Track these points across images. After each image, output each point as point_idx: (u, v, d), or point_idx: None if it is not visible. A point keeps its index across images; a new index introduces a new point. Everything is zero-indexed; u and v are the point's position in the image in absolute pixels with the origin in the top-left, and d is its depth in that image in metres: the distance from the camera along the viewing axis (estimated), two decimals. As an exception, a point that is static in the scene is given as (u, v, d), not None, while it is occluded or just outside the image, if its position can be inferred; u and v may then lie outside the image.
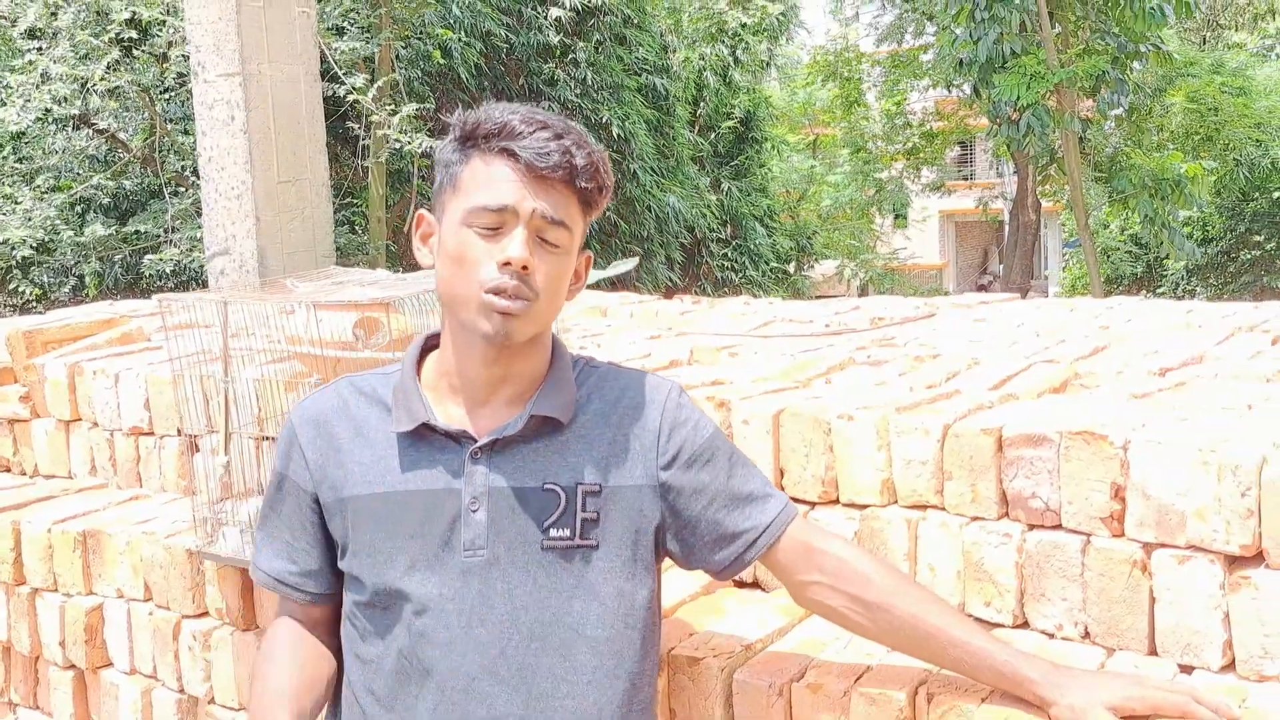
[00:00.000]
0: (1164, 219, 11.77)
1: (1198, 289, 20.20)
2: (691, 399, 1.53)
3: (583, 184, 1.39)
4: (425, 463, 1.42)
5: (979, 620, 1.74)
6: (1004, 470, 1.76)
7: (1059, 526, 1.71)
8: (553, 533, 1.40)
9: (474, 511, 1.40)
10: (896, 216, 24.58)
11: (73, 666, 2.50)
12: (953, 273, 32.14)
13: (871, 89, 21.25)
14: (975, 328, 2.97)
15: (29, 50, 8.15)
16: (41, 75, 8.06)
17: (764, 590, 2.01)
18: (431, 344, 1.53)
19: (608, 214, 13.03)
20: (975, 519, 1.79)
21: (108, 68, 7.89)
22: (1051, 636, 1.70)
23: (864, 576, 1.47)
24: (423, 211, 1.48)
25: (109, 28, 7.83)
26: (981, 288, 30.77)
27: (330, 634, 1.57)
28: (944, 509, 1.83)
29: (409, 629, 1.41)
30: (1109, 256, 21.71)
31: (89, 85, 8.02)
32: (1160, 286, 20.86)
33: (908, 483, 1.86)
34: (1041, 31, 10.82)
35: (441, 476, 1.41)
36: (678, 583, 1.99)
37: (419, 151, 7.88)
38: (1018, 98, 10.27)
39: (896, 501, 1.88)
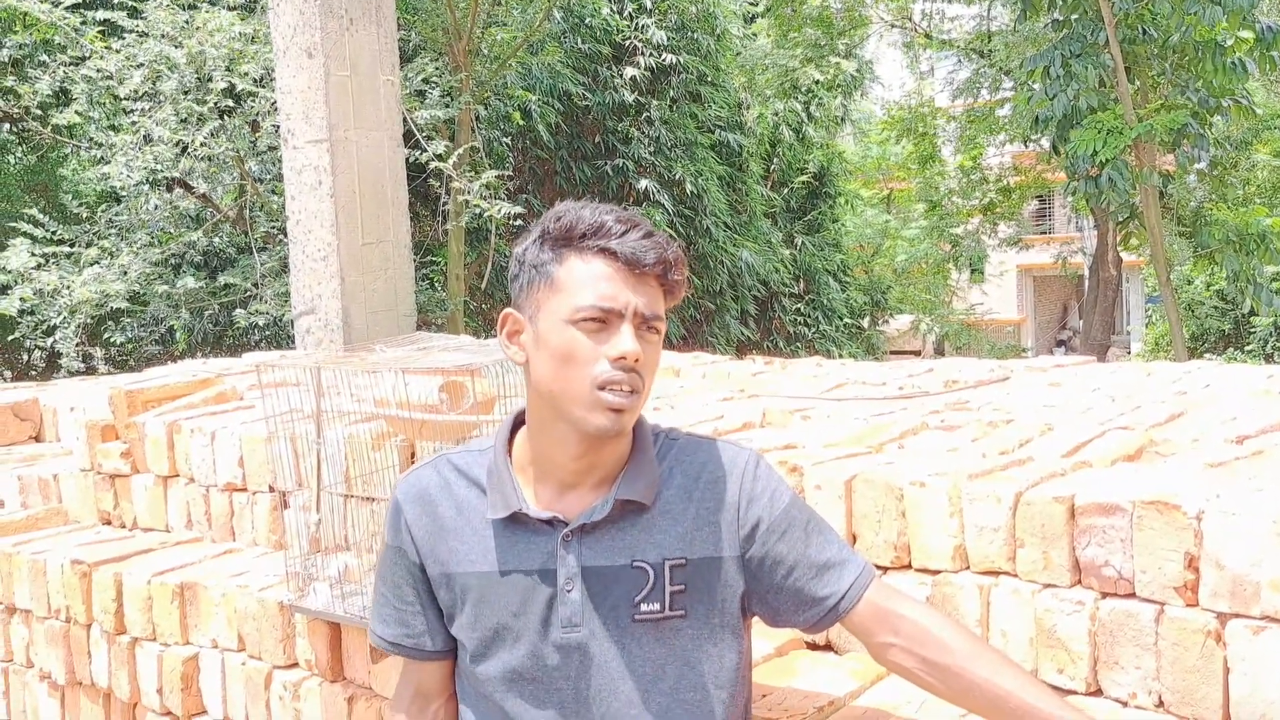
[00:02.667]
0: (1250, 274, 11.52)
1: (1287, 346, 19.66)
2: (769, 465, 1.58)
3: (674, 278, 1.47)
4: (521, 545, 1.50)
5: (1053, 687, 1.75)
6: (1077, 538, 1.78)
7: (1132, 595, 1.72)
8: (644, 607, 1.48)
9: (569, 591, 1.48)
10: (973, 272, 24.35)
11: (169, 713, 2.60)
12: (1031, 328, 31.66)
13: (947, 144, 21.20)
14: (1050, 392, 2.97)
15: (134, 111, 8.55)
16: (144, 137, 8.44)
17: (836, 653, 2.04)
18: (519, 421, 1.59)
19: (681, 269, 13.13)
20: (1048, 586, 1.81)
21: (209, 134, 8.24)
22: (1125, 705, 1.71)
23: (939, 641, 1.51)
24: (510, 310, 1.52)
25: (208, 96, 8.20)
26: (1061, 343, 30.26)
27: (449, 697, 1.66)
28: (1016, 575, 1.85)
29: (520, 691, 1.50)
30: (1194, 312, 21.23)
31: (189, 149, 8.38)
32: (1249, 344, 20.33)
33: (980, 549, 1.89)
34: (1119, 87, 10.75)
35: (537, 559, 1.49)
36: (753, 647, 2.02)
37: (501, 216, 8.07)
38: (1094, 153, 10.18)
39: (969, 567, 1.91)
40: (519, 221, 8.38)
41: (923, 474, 1.98)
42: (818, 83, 17.87)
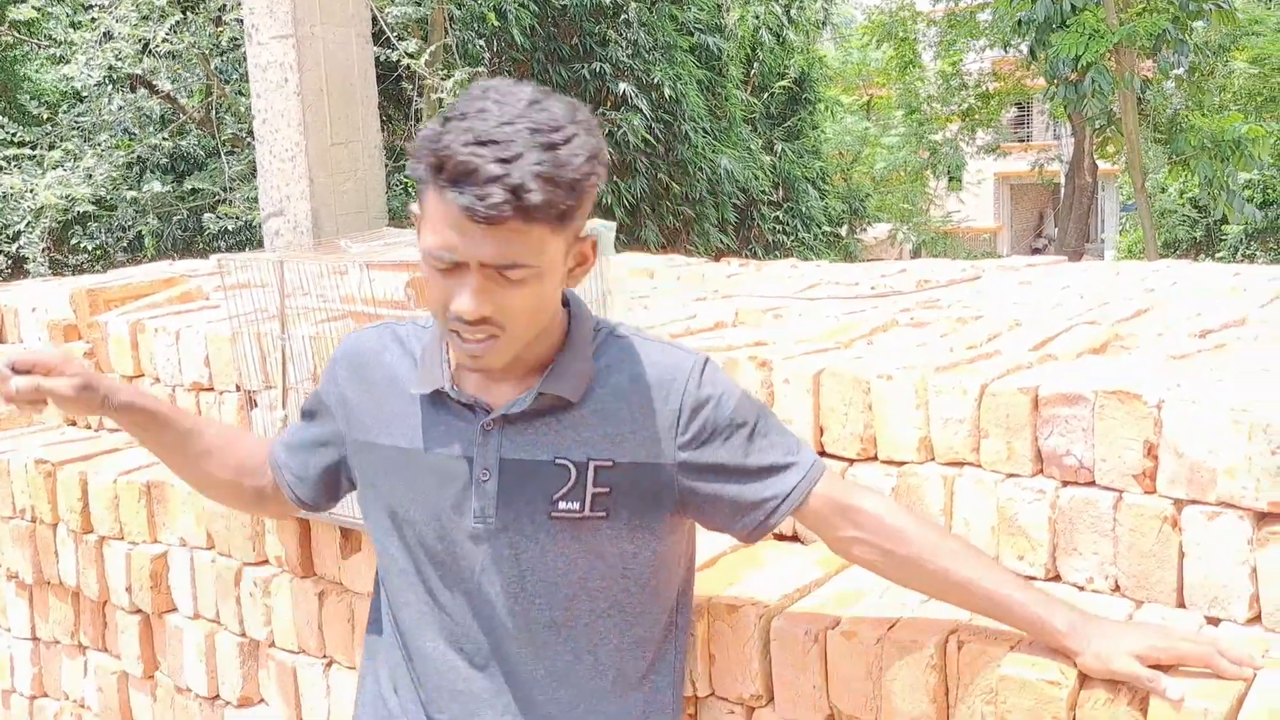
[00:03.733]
0: (1223, 181, 11.53)
1: (1257, 253, 19.76)
2: (717, 368, 1.51)
3: (538, 215, 1.27)
4: (444, 427, 1.46)
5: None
6: (1039, 429, 1.79)
7: (1092, 484, 1.74)
8: (561, 505, 1.43)
9: (484, 482, 1.44)
10: (950, 179, 24.25)
11: (139, 611, 2.62)
12: (1007, 236, 31.69)
13: (927, 50, 20.93)
14: (1020, 291, 2.98)
15: (94, 7, 8.31)
16: (104, 34, 8.22)
17: (802, 543, 2.06)
18: None
19: (658, 175, 13.01)
20: (1010, 476, 1.83)
21: (170, 29, 8.02)
22: (1082, 589, 1.74)
23: (899, 531, 1.50)
24: (413, 208, 1.39)
25: None
26: (1036, 251, 30.33)
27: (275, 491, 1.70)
28: (980, 466, 1.86)
29: (426, 582, 1.50)
30: (1166, 220, 21.28)
31: (150, 46, 8.17)
32: (1219, 251, 20.42)
33: (945, 440, 1.90)
34: (1102, -11, 10.62)
35: (458, 444, 1.45)
36: (718, 536, 2.04)
37: None
38: (1076, 57, 10.08)
39: (934, 459, 1.92)
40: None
41: (890, 367, 1.99)
42: (799, -16, 17.54)
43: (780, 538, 2.10)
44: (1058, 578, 1.78)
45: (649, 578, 1.52)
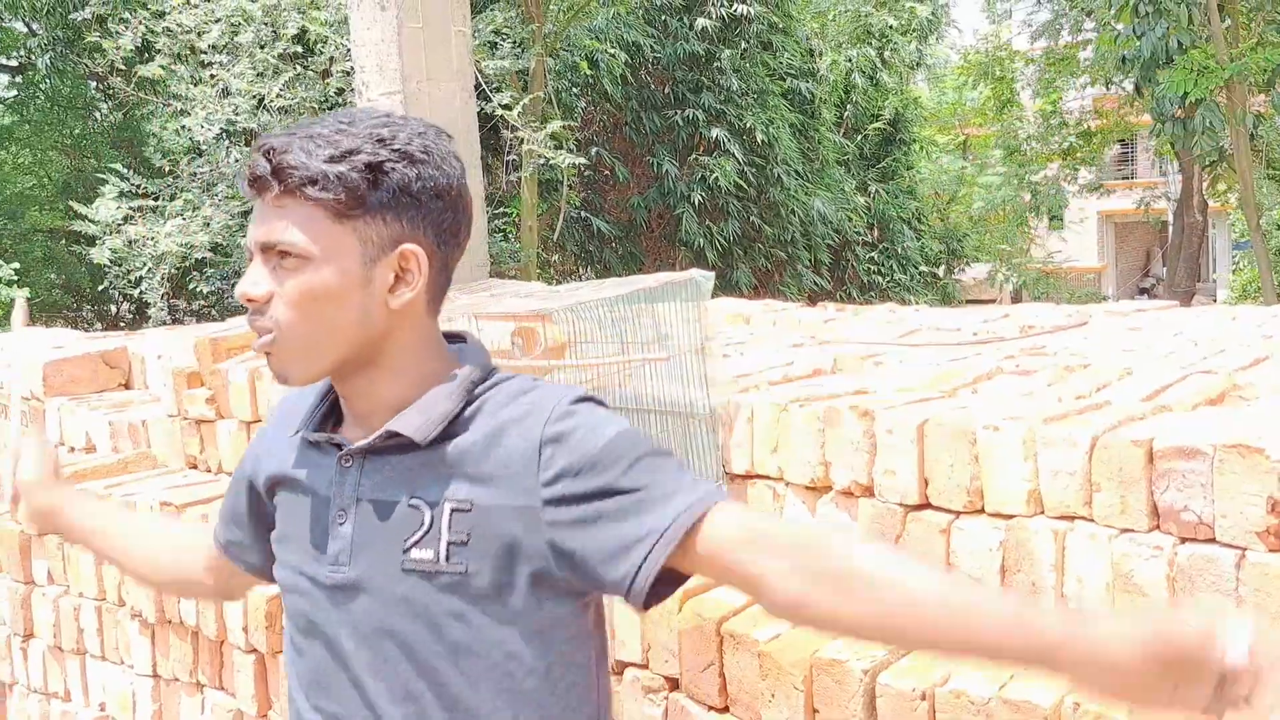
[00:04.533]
0: (1344, 218, 11.11)
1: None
2: (595, 404, 1.29)
3: (292, 185, 1.20)
4: (312, 467, 1.34)
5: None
6: (1155, 482, 1.75)
7: (1212, 540, 1.69)
8: (414, 554, 1.25)
9: (340, 524, 1.29)
10: (1052, 219, 23.80)
11: (254, 651, 2.69)
12: (1113, 276, 30.90)
13: (1025, 88, 20.66)
14: (1130, 337, 2.91)
15: (213, 65, 8.73)
16: (222, 90, 8.61)
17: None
18: None
19: (750, 218, 13.06)
20: (1125, 531, 1.79)
21: (284, 85, 8.37)
22: (1203, 651, 1.69)
23: (825, 543, 1.19)
24: None
25: (278, 43, 8.32)
26: (1143, 291, 29.50)
27: (215, 575, 1.55)
28: (1093, 520, 1.83)
29: (303, 635, 1.34)
30: (1283, 258, 20.55)
31: (265, 102, 8.53)
32: (1341, 290, 19.62)
33: (1055, 494, 1.87)
34: (1211, 24, 10.35)
35: (321, 484, 1.33)
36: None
37: (566, 166, 8.10)
38: (1185, 94, 9.85)
39: (1043, 512, 1.89)
40: (591, 172, 8.38)
41: (996, 418, 1.96)
42: (891, 28, 17.51)
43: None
44: (1176, 637, 1.73)
45: (539, 663, 1.27)
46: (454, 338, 1.36)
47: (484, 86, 8.02)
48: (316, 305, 1.23)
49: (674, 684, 2.03)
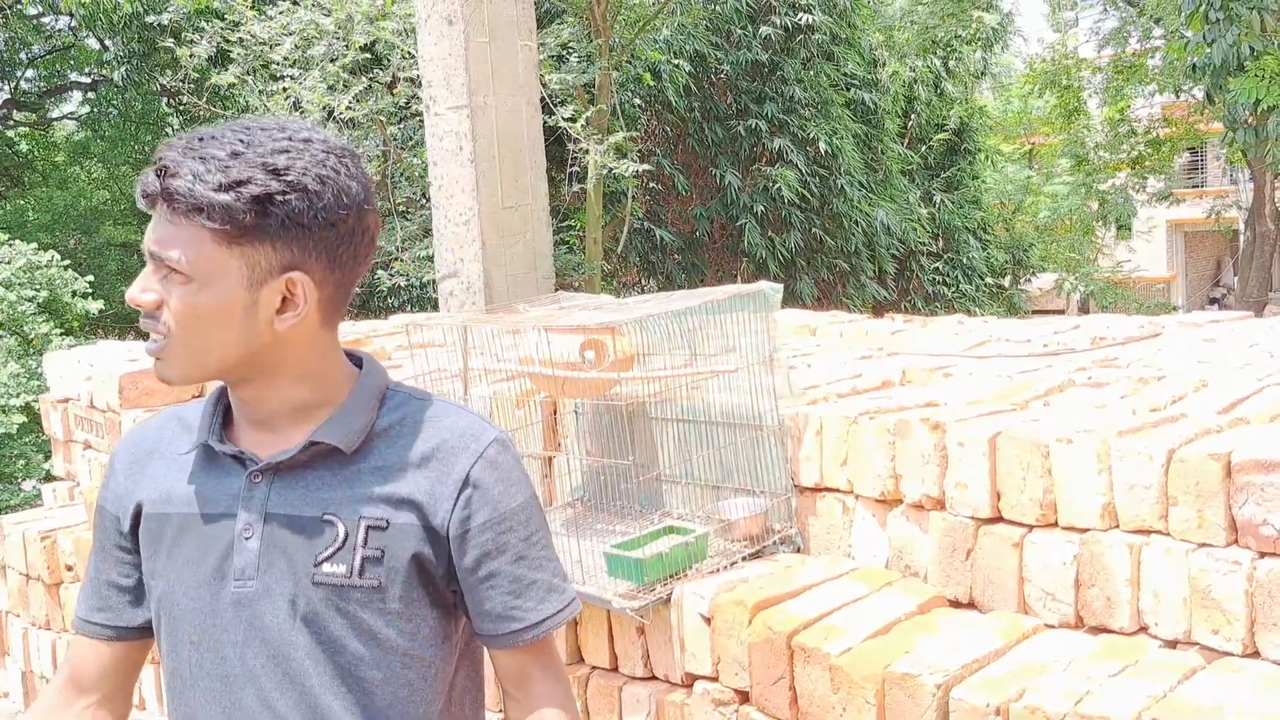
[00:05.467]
0: None
1: None
2: (516, 457, 1.37)
3: (178, 206, 1.22)
4: (211, 485, 1.33)
5: (1206, 649, 1.72)
6: (1233, 496, 1.73)
7: (1293, 556, 1.67)
8: (325, 568, 1.28)
9: (247, 539, 1.29)
10: (1120, 228, 23.38)
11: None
12: (1182, 285, 30.25)
13: (1092, 97, 20.34)
14: (1204, 348, 2.87)
15: (285, 78, 8.88)
16: (293, 103, 8.77)
17: (980, 611, 2.03)
18: None
19: (813, 229, 13.02)
20: (1202, 545, 1.77)
21: (354, 97, 8.50)
22: (1285, 669, 1.66)
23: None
24: None
25: (348, 54, 8.45)
26: (1214, 301, 28.84)
27: (112, 695, 1.43)
28: (1169, 534, 1.81)
29: (187, 662, 1.33)
30: (1361, 268, 19.94)
31: (335, 114, 8.67)
32: None
33: (1130, 507, 1.85)
34: (1283, 30, 10.13)
35: (222, 500, 1.32)
36: (893, 601, 2.03)
37: (629, 175, 8.14)
38: (1257, 101, 9.63)
39: (1118, 526, 1.87)
40: (654, 184, 8.40)
41: (1069, 431, 1.95)
42: (957, 37, 17.36)
43: (956, 604, 2.07)
44: (1256, 654, 1.70)
45: (436, 681, 1.35)
46: (352, 356, 1.38)
47: (549, 100, 8.10)
48: (199, 322, 1.25)
49: (744, 697, 2.04)
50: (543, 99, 8.02)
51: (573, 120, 8.03)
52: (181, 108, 15.91)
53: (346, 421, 1.31)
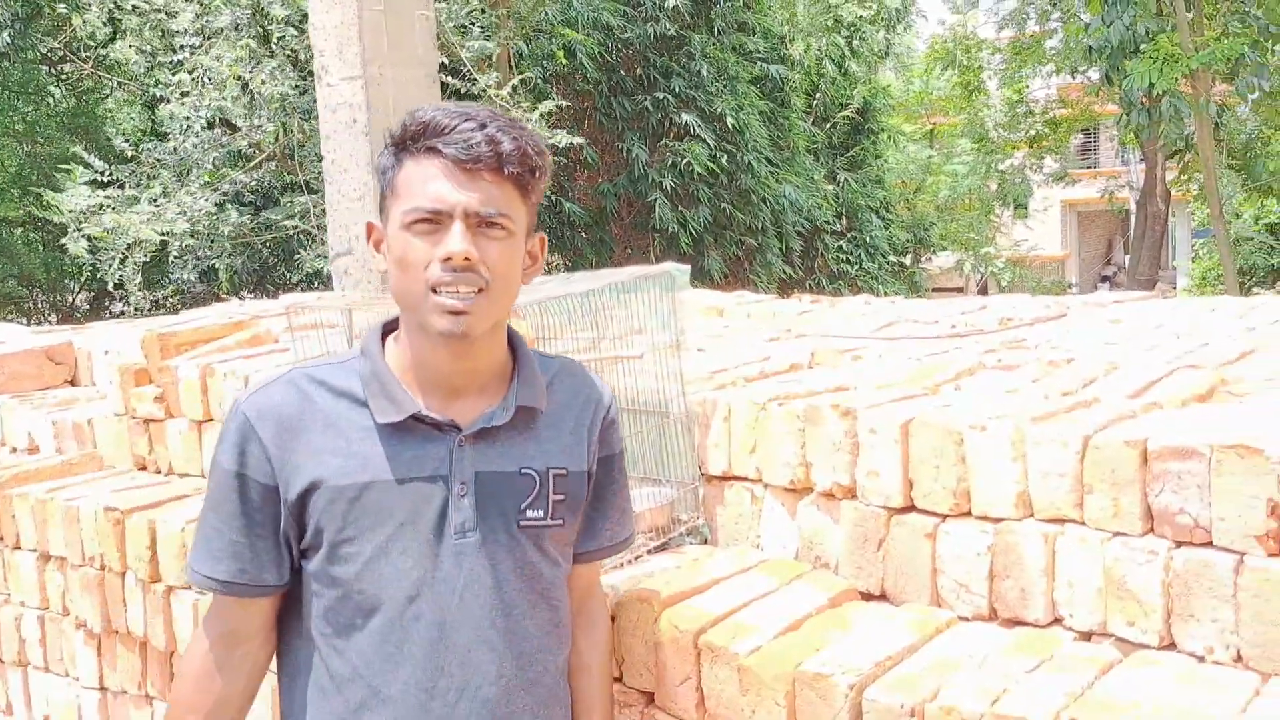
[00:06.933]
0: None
1: (1342, 282, 19.15)
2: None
3: (511, 170, 1.41)
4: (411, 452, 1.46)
5: (1121, 641, 1.67)
6: (1149, 484, 1.68)
7: (1209, 544, 1.62)
8: (529, 514, 1.52)
9: (462, 497, 1.48)
10: (1017, 207, 23.90)
11: (207, 660, 2.57)
12: (1075, 264, 31.12)
13: (992, 77, 20.68)
14: (1111, 329, 2.85)
15: (184, 49, 8.49)
16: (205, 75, 8.37)
17: (892, 603, 1.96)
18: (386, 330, 1.56)
19: (722, 205, 12.97)
20: (1118, 534, 1.71)
21: (269, 73, 8.15)
22: (1201, 659, 1.62)
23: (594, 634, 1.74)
24: (370, 220, 1.53)
25: (270, 28, 8.10)
26: (1105, 279, 29.75)
27: (262, 639, 1.56)
28: (1084, 524, 1.75)
29: (401, 614, 1.47)
30: (1241, 247, 20.72)
31: (250, 88, 8.32)
32: (1301, 278, 19.83)
33: (1045, 496, 1.79)
34: (1177, 14, 10.35)
35: (429, 464, 1.47)
36: (803, 595, 1.95)
37: (563, 145, 7.99)
38: (1151, 84, 9.84)
39: (1033, 515, 1.81)
40: (560, 157, 8.24)
41: (983, 417, 1.88)
42: (860, 17, 17.48)
43: (868, 597, 2.00)
44: (1173, 645, 1.65)
45: (567, 604, 1.65)
46: None
47: (468, 69, 7.87)
48: (510, 274, 1.45)
49: (650, 698, 1.94)
50: (456, 69, 7.80)
51: (498, 88, 7.83)
52: (63, 77, 15.19)
53: (533, 383, 1.54)
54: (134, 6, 8.48)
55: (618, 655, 2.00)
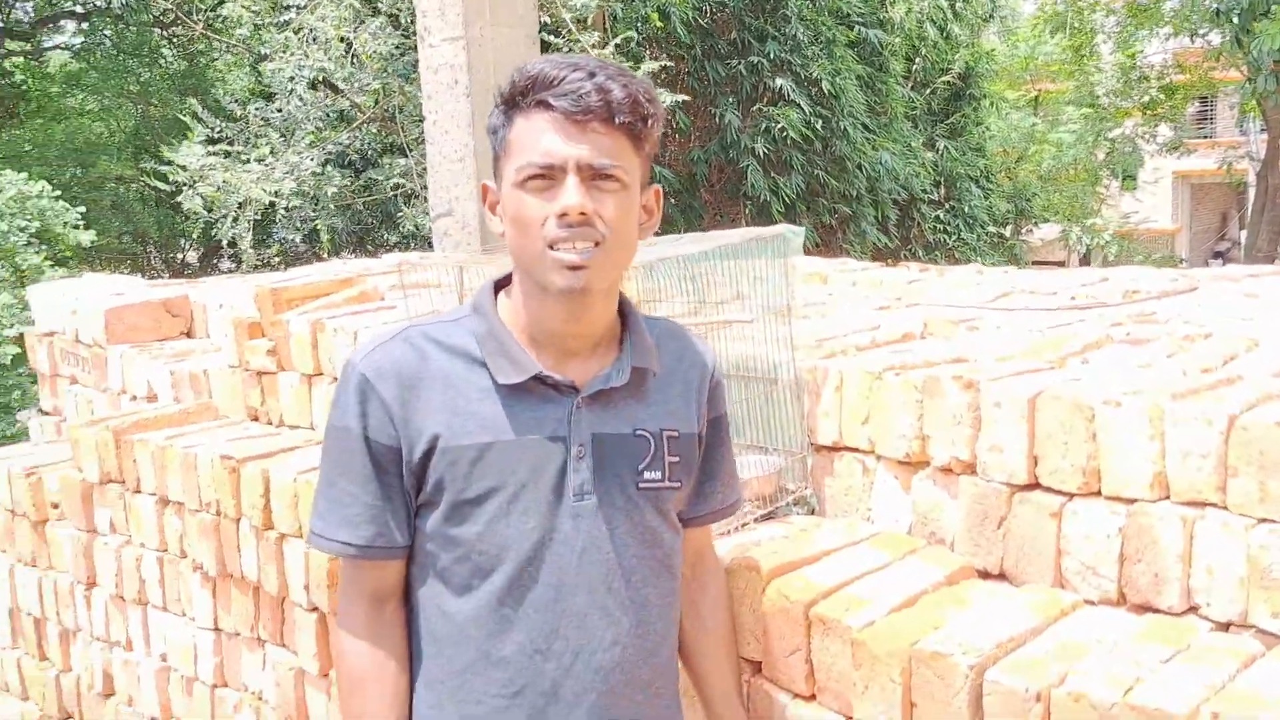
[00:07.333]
0: None
1: None
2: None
3: (623, 119, 1.38)
4: (530, 412, 1.45)
5: (1264, 633, 1.59)
6: (1300, 469, 1.58)
7: (1366, 535, 1.53)
8: (647, 475, 1.51)
9: (580, 459, 1.47)
10: (1125, 178, 23.08)
11: (315, 609, 2.62)
12: (1186, 238, 30.01)
13: (1105, 41, 19.92)
14: (1246, 304, 2.71)
15: (290, 9, 8.59)
16: (310, 35, 8.47)
17: (1012, 584, 1.89)
18: (496, 289, 1.55)
19: (815, 172, 12.73)
20: (1264, 520, 1.62)
21: (371, 32, 8.22)
22: (1352, 657, 1.53)
23: (713, 598, 1.76)
24: (485, 182, 1.51)
25: None
26: (1218, 255, 28.62)
27: (402, 595, 1.55)
28: (1226, 508, 1.66)
29: (520, 575, 1.46)
30: (1371, 222, 19.72)
31: (352, 49, 8.40)
32: None
33: (1184, 477, 1.70)
34: (1308, -26, 9.84)
35: (548, 425, 1.46)
36: (918, 571, 1.89)
37: (667, 105, 7.92)
38: (1280, 47, 9.38)
39: (1169, 497, 1.72)
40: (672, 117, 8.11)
41: (1116, 392, 1.80)
42: (965, -24, 16.97)
43: (985, 575, 1.93)
44: (1320, 640, 1.56)
45: (680, 563, 1.63)
46: None
47: (569, 28, 7.84)
48: (627, 227, 1.43)
49: (757, 668, 1.91)
50: (556, 28, 7.77)
51: (601, 46, 7.79)
52: (174, 39, 15.53)
53: (645, 345, 1.53)
54: None
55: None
